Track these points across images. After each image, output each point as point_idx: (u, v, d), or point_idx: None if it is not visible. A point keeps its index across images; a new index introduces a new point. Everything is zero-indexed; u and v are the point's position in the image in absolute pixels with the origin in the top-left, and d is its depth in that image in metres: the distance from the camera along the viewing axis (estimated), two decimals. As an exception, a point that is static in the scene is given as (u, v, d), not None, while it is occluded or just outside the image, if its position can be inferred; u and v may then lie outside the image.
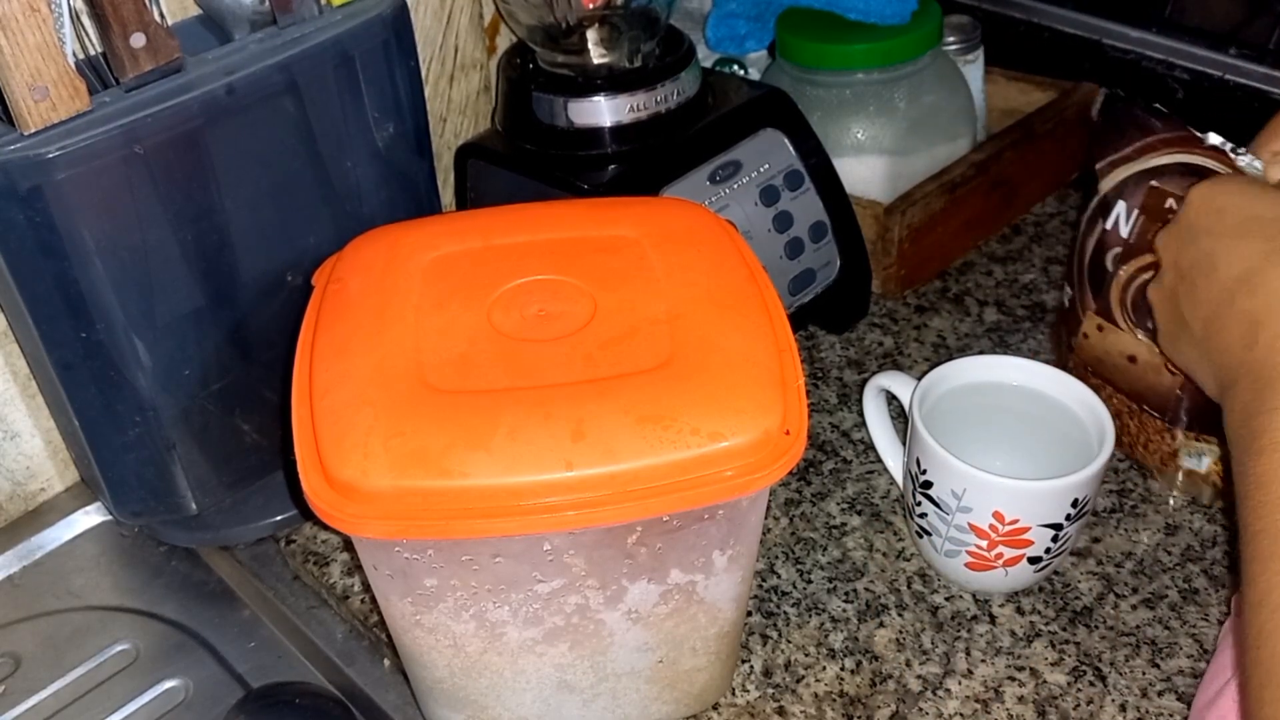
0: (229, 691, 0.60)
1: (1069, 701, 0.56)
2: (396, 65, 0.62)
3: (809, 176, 0.73)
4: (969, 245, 0.87)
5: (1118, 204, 0.64)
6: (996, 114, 0.92)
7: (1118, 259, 0.64)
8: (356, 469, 0.43)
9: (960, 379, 0.63)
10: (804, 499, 0.68)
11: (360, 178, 0.63)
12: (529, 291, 0.50)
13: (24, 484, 0.70)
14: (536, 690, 0.52)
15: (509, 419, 0.44)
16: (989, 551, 0.58)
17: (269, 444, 0.66)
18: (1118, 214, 0.64)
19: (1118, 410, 0.66)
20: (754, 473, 0.43)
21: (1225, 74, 0.86)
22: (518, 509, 0.43)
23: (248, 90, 0.56)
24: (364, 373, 0.46)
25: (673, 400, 0.44)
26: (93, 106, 0.52)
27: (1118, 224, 0.64)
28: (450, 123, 0.79)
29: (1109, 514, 0.66)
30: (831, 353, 0.79)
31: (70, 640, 0.64)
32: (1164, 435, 0.65)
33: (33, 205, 0.51)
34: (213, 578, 0.67)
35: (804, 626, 0.61)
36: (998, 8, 0.97)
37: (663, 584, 0.48)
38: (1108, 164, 0.65)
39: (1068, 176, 0.93)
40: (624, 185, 0.68)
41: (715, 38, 0.90)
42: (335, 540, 0.67)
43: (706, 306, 0.49)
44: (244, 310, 0.61)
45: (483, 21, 0.79)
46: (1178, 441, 0.64)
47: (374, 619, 0.62)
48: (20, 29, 0.48)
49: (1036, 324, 0.80)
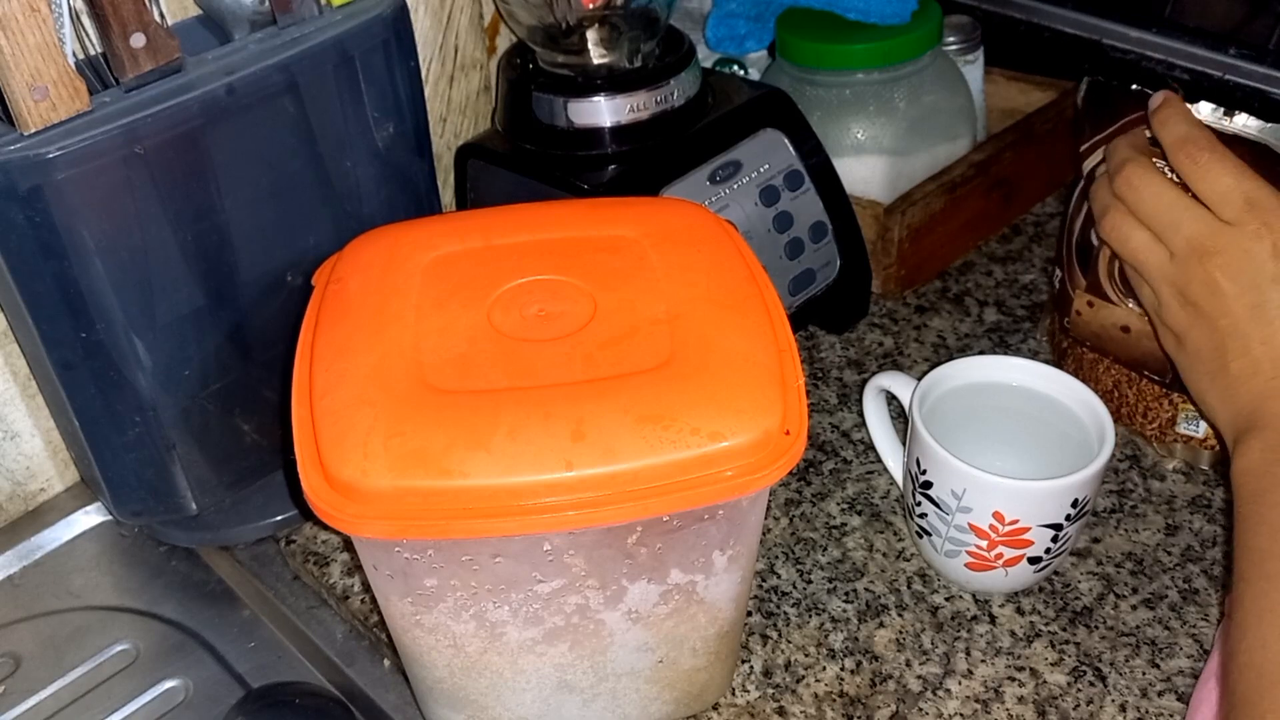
0: (229, 691, 0.60)
1: (1069, 702, 0.56)
2: (396, 65, 0.62)
3: (809, 176, 0.73)
4: (969, 245, 0.87)
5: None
6: (996, 114, 0.92)
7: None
8: (356, 469, 0.43)
9: (960, 379, 0.63)
10: (804, 499, 0.68)
11: (360, 178, 0.63)
12: (529, 291, 0.50)
13: (24, 484, 0.70)
14: (536, 690, 0.52)
15: (509, 419, 0.44)
16: (989, 552, 0.58)
17: (269, 444, 0.66)
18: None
19: (1116, 381, 0.66)
20: (754, 473, 0.43)
21: (1225, 74, 0.86)
22: (518, 509, 0.43)
23: (248, 90, 0.56)
24: (364, 373, 0.46)
25: (673, 400, 0.44)
26: (93, 106, 0.52)
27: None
28: (450, 123, 0.79)
29: (1109, 514, 0.66)
30: (831, 353, 0.79)
31: (70, 640, 0.64)
32: (1162, 401, 0.66)
33: (33, 205, 0.51)
34: (213, 578, 0.67)
35: (804, 626, 0.61)
36: (998, 8, 0.97)
37: (663, 584, 0.48)
38: (1091, 145, 0.65)
39: (1068, 176, 0.93)
40: (624, 185, 0.68)
41: (715, 38, 0.90)
42: (335, 540, 0.67)
43: (706, 306, 0.49)
44: (244, 310, 0.61)
45: (483, 21, 0.79)
46: (1176, 406, 0.65)
47: (374, 619, 0.62)
48: (20, 29, 0.48)
49: (1036, 324, 0.80)
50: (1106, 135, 0.64)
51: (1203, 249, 0.54)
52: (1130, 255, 0.58)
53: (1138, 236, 0.57)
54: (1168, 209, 0.55)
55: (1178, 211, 0.55)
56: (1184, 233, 0.55)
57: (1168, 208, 0.55)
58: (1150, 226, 0.57)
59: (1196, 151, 0.55)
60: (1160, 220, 0.56)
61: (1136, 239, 0.57)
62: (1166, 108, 0.58)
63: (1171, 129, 0.57)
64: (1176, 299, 0.56)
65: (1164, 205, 0.56)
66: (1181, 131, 0.56)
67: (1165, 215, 0.55)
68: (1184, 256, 0.55)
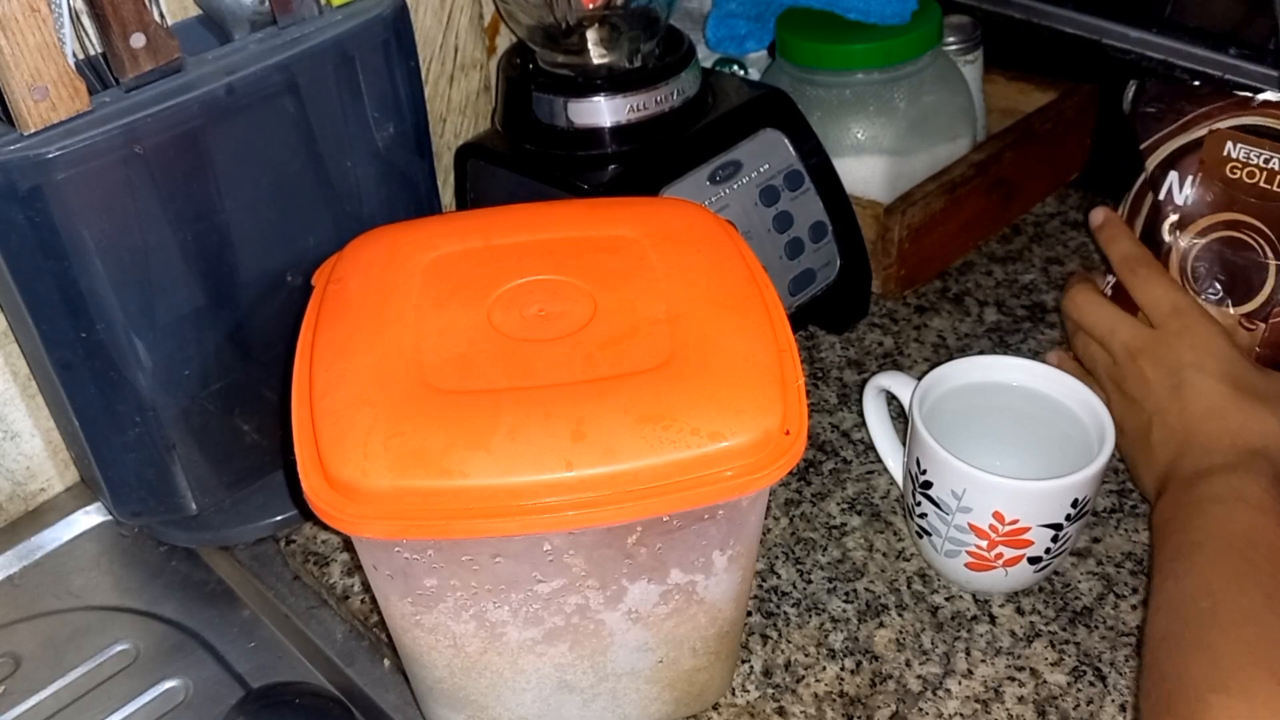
0: (229, 691, 0.60)
1: (1069, 701, 0.56)
2: (396, 65, 0.62)
3: (809, 176, 0.73)
4: (969, 245, 0.87)
5: (1169, 175, 0.65)
6: (996, 114, 0.92)
7: (1174, 227, 0.66)
8: (356, 469, 0.43)
9: (960, 379, 0.63)
10: (804, 499, 0.68)
11: (360, 178, 0.63)
12: (529, 291, 0.50)
13: (24, 484, 0.70)
14: (536, 690, 0.52)
15: (509, 419, 0.44)
16: (989, 552, 0.58)
17: (269, 444, 0.66)
18: (1170, 184, 0.66)
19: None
20: (754, 473, 0.43)
21: (1225, 74, 0.86)
22: (518, 509, 0.43)
23: (248, 90, 0.56)
24: (364, 373, 0.46)
25: (673, 400, 0.44)
26: (93, 106, 0.52)
27: (1171, 193, 0.66)
28: (450, 123, 0.79)
29: (1109, 514, 0.66)
30: (831, 353, 0.79)
31: (70, 640, 0.64)
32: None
33: (33, 205, 0.51)
34: (213, 578, 0.67)
35: (804, 626, 0.61)
36: (998, 8, 0.97)
37: (663, 584, 0.48)
38: (1154, 141, 0.67)
39: (1068, 176, 0.93)
40: (624, 185, 0.68)
41: (715, 38, 0.90)
42: (335, 540, 0.67)
43: (706, 306, 0.49)
44: (244, 310, 0.61)
45: (483, 21, 0.79)
46: None
47: (374, 619, 0.62)
48: (20, 29, 0.48)
49: (1036, 324, 0.80)
50: (1169, 132, 0.66)
51: (1134, 350, 0.64)
52: (1088, 363, 0.68)
53: (1091, 348, 0.68)
54: (1106, 320, 0.66)
55: (1114, 322, 0.65)
56: (1120, 338, 0.65)
57: (1106, 320, 0.66)
58: (1094, 337, 0.67)
59: (1137, 266, 0.66)
60: (1101, 330, 0.66)
61: (1090, 349, 0.68)
62: (1110, 227, 0.69)
63: (1117, 247, 0.68)
64: (1116, 393, 0.65)
65: (1103, 318, 0.66)
66: (1125, 249, 0.67)
67: (1104, 325, 0.66)
68: (1121, 358, 0.64)
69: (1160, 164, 0.66)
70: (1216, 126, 0.64)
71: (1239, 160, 0.63)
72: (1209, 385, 0.60)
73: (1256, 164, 0.62)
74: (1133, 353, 0.63)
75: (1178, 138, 0.65)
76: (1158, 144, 0.66)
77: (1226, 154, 0.63)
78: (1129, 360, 0.63)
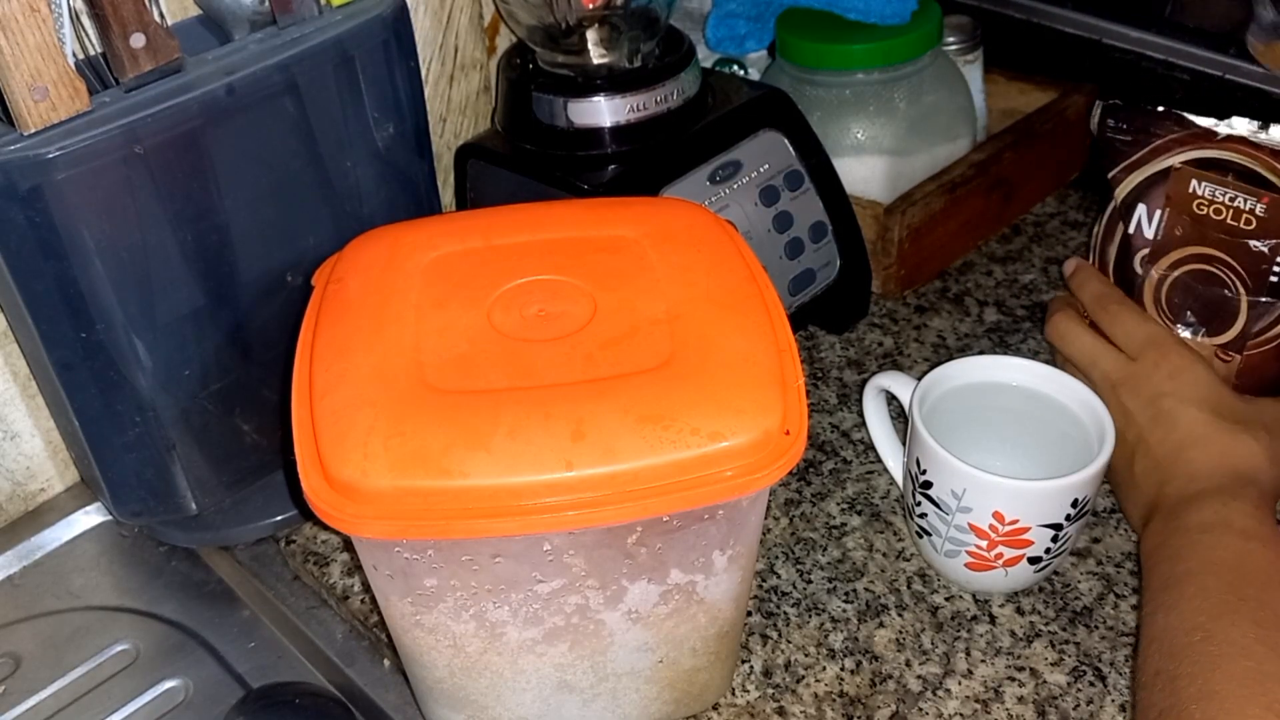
0: (229, 691, 0.60)
1: (1069, 701, 0.56)
2: (396, 65, 0.62)
3: (809, 177, 0.73)
4: (969, 245, 0.87)
5: (1137, 207, 0.65)
6: (996, 114, 0.92)
7: (1146, 260, 0.65)
8: (356, 469, 0.43)
9: (960, 379, 0.63)
10: (804, 499, 0.68)
11: (360, 178, 0.63)
12: (529, 291, 0.50)
13: (24, 484, 0.70)
14: (536, 690, 0.52)
15: (509, 419, 0.44)
16: (989, 552, 0.58)
17: (269, 444, 0.66)
18: (1139, 217, 0.65)
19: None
20: (754, 473, 0.43)
21: (1225, 74, 0.86)
22: (518, 509, 0.43)
23: (248, 90, 0.56)
24: (364, 373, 0.46)
25: (673, 400, 0.44)
26: (93, 106, 0.52)
27: (1140, 226, 0.65)
28: (450, 123, 0.79)
29: (1109, 514, 0.66)
30: (831, 353, 0.79)
31: (70, 640, 0.64)
32: None
33: (33, 205, 0.51)
34: (213, 578, 0.67)
35: (804, 626, 0.61)
36: (998, 8, 0.97)
37: (663, 584, 0.48)
38: (1121, 170, 0.66)
39: (1067, 176, 0.93)
40: (624, 185, 0.68)
41: (715, 38, 0.90)
42: (335, 540, 0.67)
43: (706, 306, 0.49)
44: (244, 310, 0.61)
45: (483, 21, 0.79)
46: None
47: (374, 619, 0.62)
48: (20, 29, 0.48)
49: (1036, 324, 0.80)
50: (1135, 160, 0.65)
51: (1114, 381, 0.64)
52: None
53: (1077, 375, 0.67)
54: (1087, 352, 0.67)
55: (1094, 354, 0.66)
56: (1100, 369, 0.65)
57: (1087, 351, 0.67)
58: (1077, 366, 0.68)
59: (1109, 304, 0.67)
60: (1082, 361, 0.67)
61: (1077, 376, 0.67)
62: (1080, 273, 0.71)
63: (1088, 290, 0.69)
64: None
65: (1083, 349, 0.67)
66: (1095, 289, 0.69)
67: (1085, 357, 0.67)
68: (1102, 389, 0.64)
69: (1128, 196, 0.66)
70: (1182, 160, 0.63)
71: (1205, 198, 0.62)
72: (1189, 413, 0.60)
73: (1222, 201, 0.62)
74: (1113, 384, 0.64)
75: (1144, 167, 0.65)
76: (1124, 173, 0.66)
77: (1192, 191, 0.63)
78: (1109, 391, 0.64)
